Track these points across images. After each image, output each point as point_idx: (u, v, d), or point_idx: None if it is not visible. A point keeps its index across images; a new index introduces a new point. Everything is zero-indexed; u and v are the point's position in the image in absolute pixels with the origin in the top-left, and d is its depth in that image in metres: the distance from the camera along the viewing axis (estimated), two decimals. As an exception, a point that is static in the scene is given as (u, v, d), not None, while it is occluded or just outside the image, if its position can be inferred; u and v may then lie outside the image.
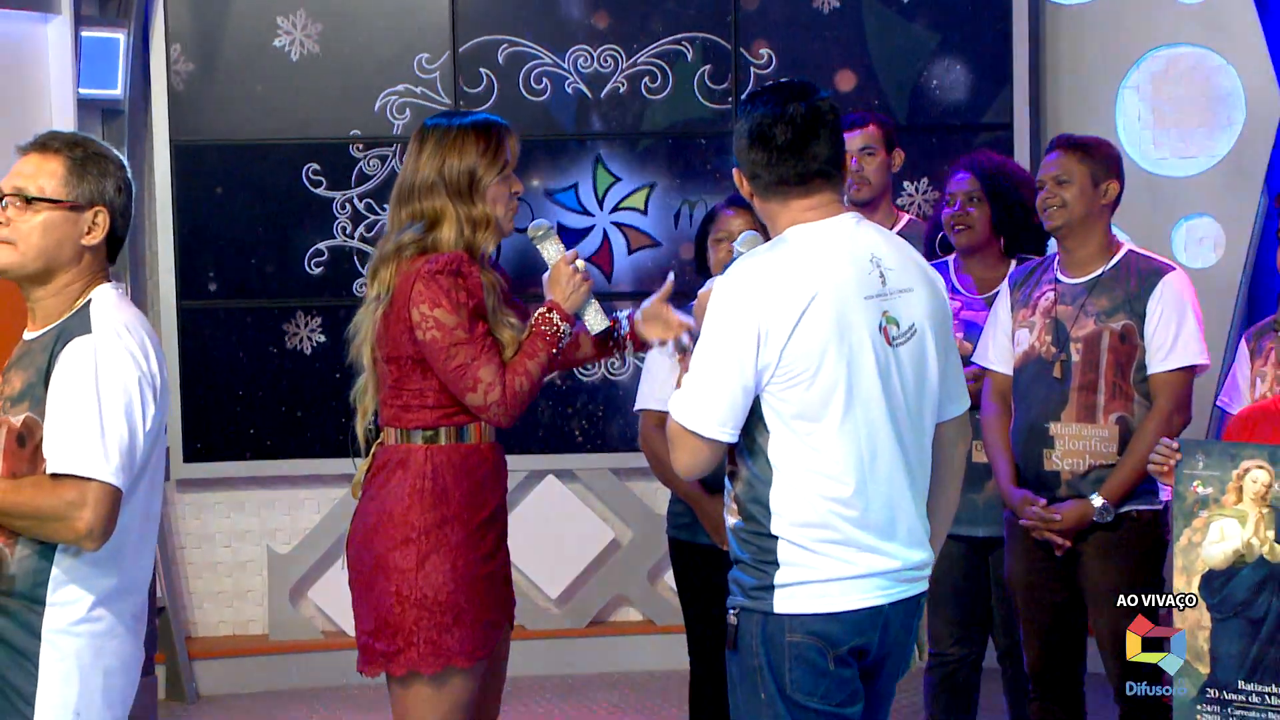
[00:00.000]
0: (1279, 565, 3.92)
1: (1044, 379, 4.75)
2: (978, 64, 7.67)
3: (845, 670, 3.43)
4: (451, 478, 3.98)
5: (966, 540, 5.12)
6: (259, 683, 7.42)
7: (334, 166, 7.54)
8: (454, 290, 3.91)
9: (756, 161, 3.47)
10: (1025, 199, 5.17)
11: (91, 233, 3.33)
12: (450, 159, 4.02)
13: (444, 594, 3.93)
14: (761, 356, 3.35)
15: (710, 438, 3.38)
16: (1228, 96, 7.37)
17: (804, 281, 3.38)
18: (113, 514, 3.14)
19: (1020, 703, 5.15)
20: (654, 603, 7.72)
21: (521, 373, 3.94)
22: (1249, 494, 3.95)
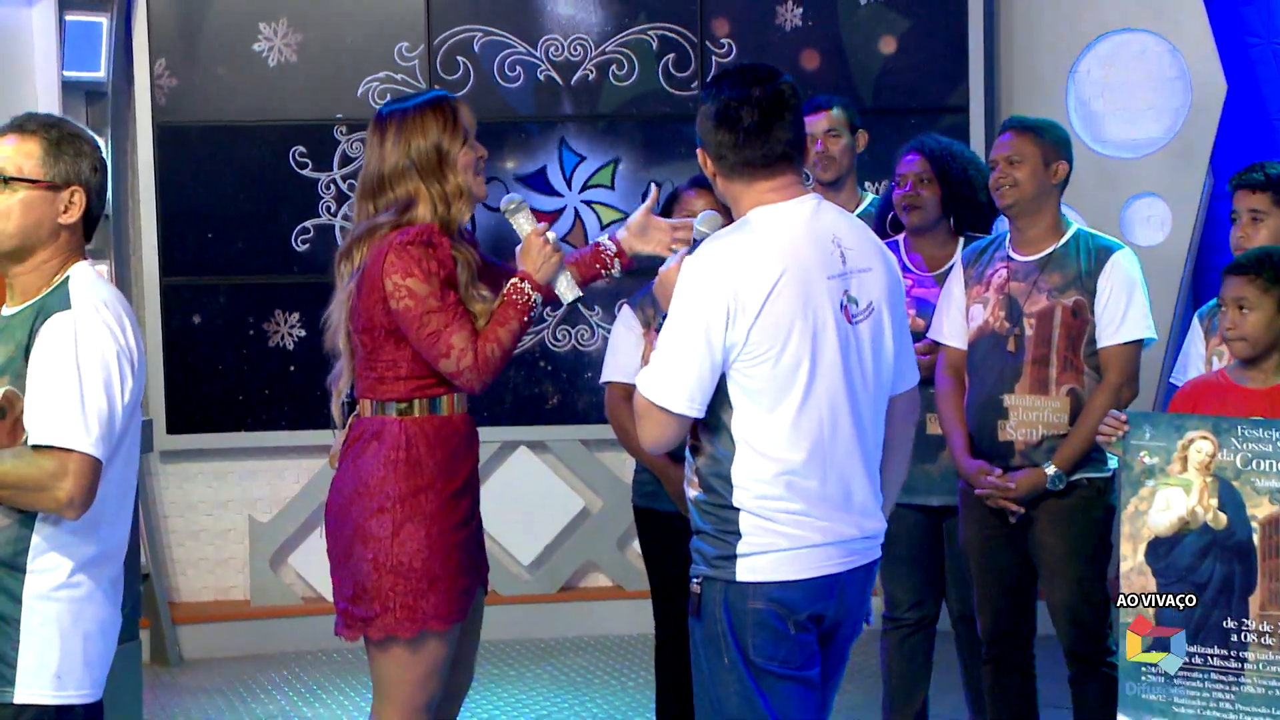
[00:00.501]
0: (1222, 532, 3.93)
1: (998, 353, 4.76)
2: (935, 50, 7.68)
3: (804, 635, 3.44)
4: (425, 448, 3.97)
5: (921, 509, 5.13)
6: (241, 647, 7.42)
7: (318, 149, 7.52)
8: (425, 260, 3.90)
9: (723, 143, 3.45)
10: (973, 179, 5.18)
11: (68, 211, 3.30)
12: (415, 140, 4.00)
13: (419, 560, 3.93)
14: (730, 334, 3.34)
15: (679, 413, 3.37)
16: (1174, 80, 7.39)
17: (772, 261, 3.37)
18: (93, 484, 3.13)
19: (973, 664, 5.16)
20: (623, 569, 7.73)
21: (493, 340, 3.93)
22: (1193, 464, 3.96)
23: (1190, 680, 3.96)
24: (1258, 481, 3.91)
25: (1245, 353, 4.14)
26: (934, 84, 7.69)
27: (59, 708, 3.20)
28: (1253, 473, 3.91)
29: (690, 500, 3.53)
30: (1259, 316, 4.09)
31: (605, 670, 7.07)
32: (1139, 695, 4.00)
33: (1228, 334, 4.15)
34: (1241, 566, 3.91)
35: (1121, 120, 7.51)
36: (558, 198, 7.66)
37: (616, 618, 7.61)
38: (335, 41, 7.49)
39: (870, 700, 5.74)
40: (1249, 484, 3.91)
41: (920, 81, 7.68)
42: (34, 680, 3.19)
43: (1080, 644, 4.74)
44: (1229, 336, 4.15)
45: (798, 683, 3.45)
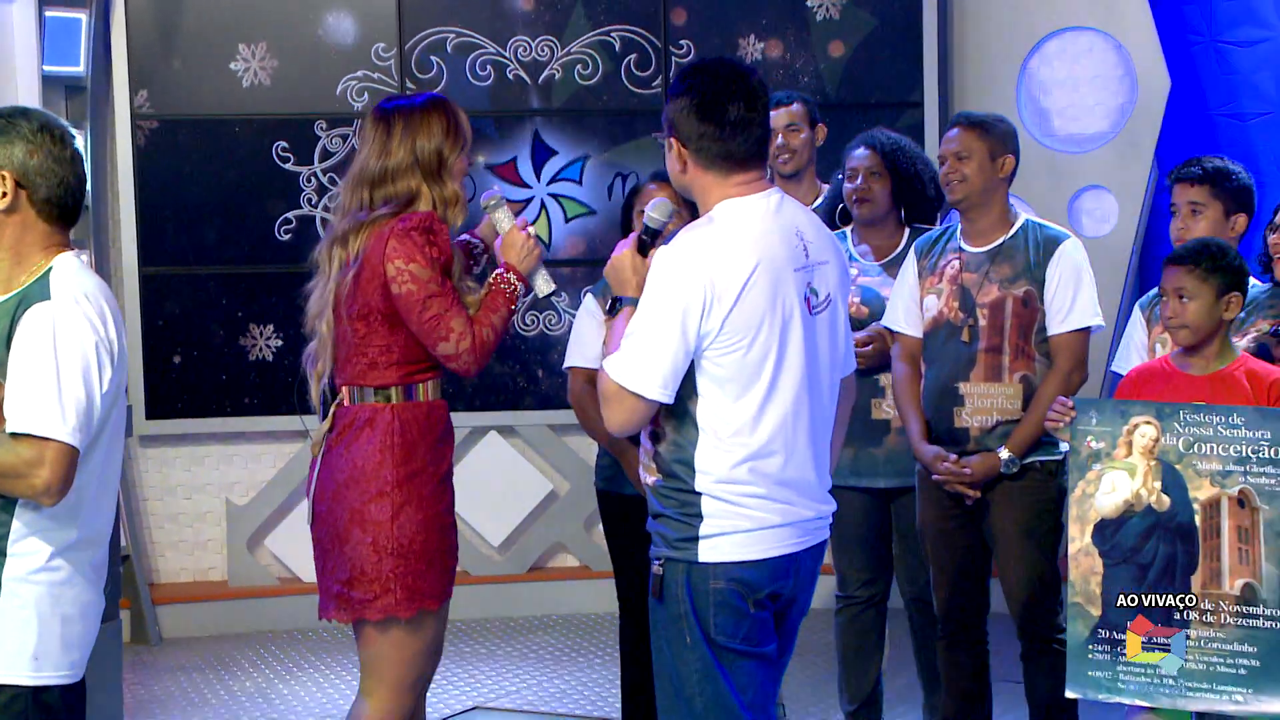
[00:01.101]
0: (1165, 514, 3.95)
1: (953, 342, 4.77)
2: (892, 48, 7.70)
3: (762, 613, 3.45)
4: (417, 433, 3.99)
5: (869, 491, 5.15)
6: (218, 626, 7.42)
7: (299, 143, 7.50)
8: (427, 246, 3.91)
9: (705, 134, 3.43)
10: (921, 173, 5.19)
11: (4, 198, 3.24)
12: (420, 140, 4.00)
13: (417, 543, 3.95)
14: (706, 323, 3.34)
15: (651, 399, 3.36)
16: (1119, 77, 7.42)
17: (746, 253, 3.37)
18: (69, 472, 3.11)
19: (926, 642, 5.18)
20: (589, 550, 7.73)
21: (487, 325, 3.98)
22: (1138, 448, 3.98)
23: None
24: (1199, 465, 3.92)
25: (1187, 340, 4.15)
26: (891, 80, 7.70)
27: (36, 689, 3.17)
28: (1194, 456, 3.93)
29: (648, 485, 3.52)
30: (1199, 305, 4.11)
31: (572, 647, 7.08)
32: (1086, 671, 4.02)
33: (1169, 322, 4.16)
34: (1184, 546, 3.93)
35: (1070, 115, 7.53)
36: (526, 189, 7.65)
37: (583, 597, 7.62)
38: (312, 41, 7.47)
39: (826, 677, 5.76)
40: (1191, 467, 3.93)
41: (877, 78, 7.70)
42: (11, 661, 3.16)
43: (1032, 621, 4.75)
44: (1171, 325, 4.16)
45: (756, 659, 3.46)
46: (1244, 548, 3.88)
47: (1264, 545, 3.86)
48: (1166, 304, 4.16)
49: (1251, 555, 3.87)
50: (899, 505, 5.15)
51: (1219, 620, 3.89)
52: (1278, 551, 3.86)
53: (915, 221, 5.25)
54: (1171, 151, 7.18)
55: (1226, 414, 3.91)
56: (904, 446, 5.03)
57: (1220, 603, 3.89)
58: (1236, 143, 7.18)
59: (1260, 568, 3.86)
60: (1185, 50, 7.38)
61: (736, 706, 3.41)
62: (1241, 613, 3.88)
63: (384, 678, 4.02)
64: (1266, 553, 3.86)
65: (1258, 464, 3.87)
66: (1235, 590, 3.88)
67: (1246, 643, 3.87)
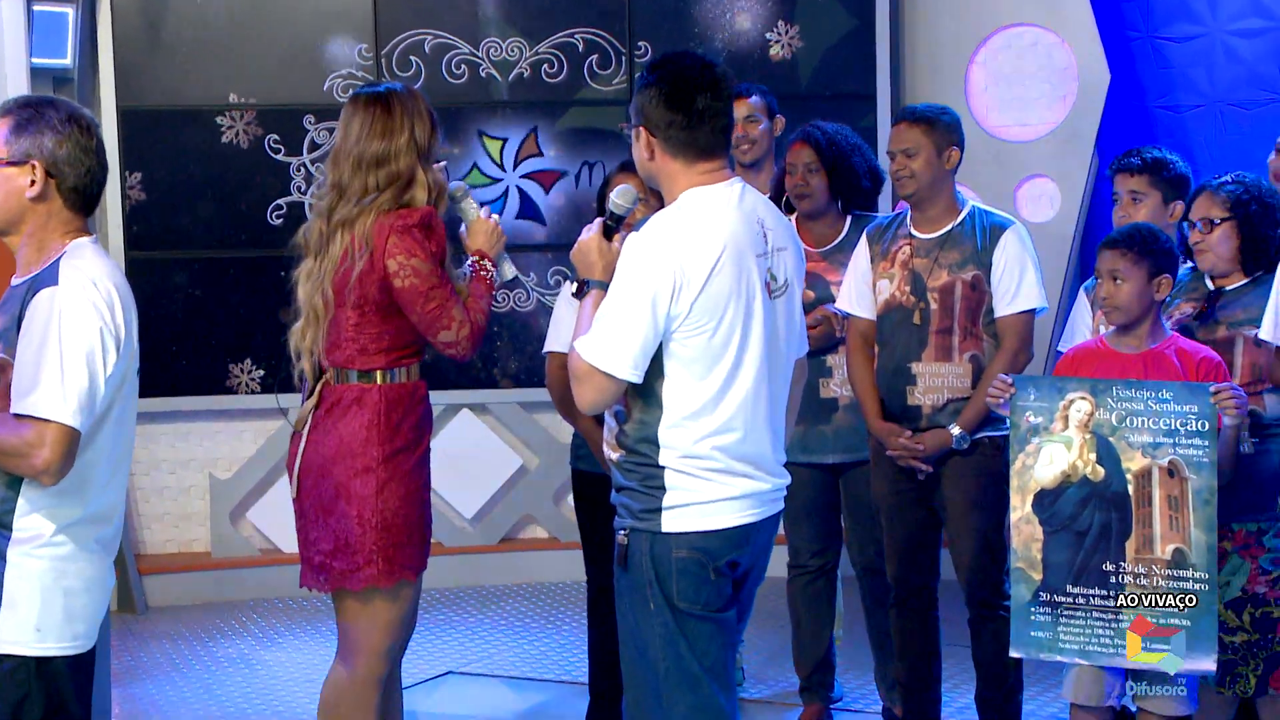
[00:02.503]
0: (1100, 484, 3.99)
1: (905, 325, 4.78)
2: (845, 42, 7.70)
3: (722, 580, 3.47)
4: (401, 413, 4.01)
5: (820, 466, 5.19)
6: (202, 595, 7.40)
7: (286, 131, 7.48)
8: (426, 241, 3.95)
9: (674, 123, 3.42)
10: (856, 165, 5.21)
11: (33, 185, 3.22)
12: (418, 124, 4.02)
13: (399, 517, 3.98)
14: (675, 305, 3.34)
15: (620, 378, 3.37)
16: (1062, 70, 7.44)
17: (714, 239, 3.38)
18: (69, 453, 3.09)
19: (876, 610, 5.21)
20: (558, 522, 7.74)
21: (479, 311, 4.03)
22: (1074, 422, 4.02)
23: (1074, 618, 4.02)
24: (1131, 437, 3.97)
25: (1119, 320, 4.19)
26: (845, 74, 7.71)
27: (39, 659, 3.16)
28: (1127, 429, 3.97)
29: (612, 461, 3.53)
30: (1131, 286, 4.14)
31: (542, 615, 7.09)
32: (1029, 633, 4.06)
33: (1104, 303, 4.19)
34: (1118, 514, 3.98)
35: (1015, 107, 7.56)
36: (496, 183, 7.63)
37: (552, 567, 7.62)
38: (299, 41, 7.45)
39: (783, 643, 5.78)
40: (1124, 439, 3.97)
41: (832, 72, 7.70)
42: (14, 633, 3.15)
43: (980, 589, 4.78)
44: (1105, 305, 4.19)
45: (716, 623, 3.47)
46: (1174, 515, 3.92)
47: (1193, 513, 3.91)
48: (1101, 286, 4.20)
49: (1181, 522, 3.92)
50: (847, 479, 5.18)
51: (1152, 583, 3.93)
52: (1206, 518, 3.90)
53: (856, 209, 5.27)
54: (1111, 142, 7.22)
55: (1156, 389, 3.96)
56: (851, 423, 5.06)
57: (1152, 567, 3.94)
58: (1173, 133, 7.22)
59: (1189, 534, 3.91)
60: (1124, 45, 7.42)
61: (697, 668, 3.43)
62: (1172, 576, 3.93)
63: (362, 645, 4.03)
64: (1195, 519, 3.90)
65: (1185, 436, 3.92)
66: (1166, 555, 3.93)
67: (1179, 604, 3.91)
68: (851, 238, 5.12)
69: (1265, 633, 4.31)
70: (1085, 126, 7.32)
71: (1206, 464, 3.91)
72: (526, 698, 5.93)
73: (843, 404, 5.12)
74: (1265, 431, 4.28)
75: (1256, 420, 4.32)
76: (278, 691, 6.00)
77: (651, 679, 3.45)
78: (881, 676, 5.32)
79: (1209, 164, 7.03)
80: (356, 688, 4.06)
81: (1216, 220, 4.35)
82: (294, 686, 6.04)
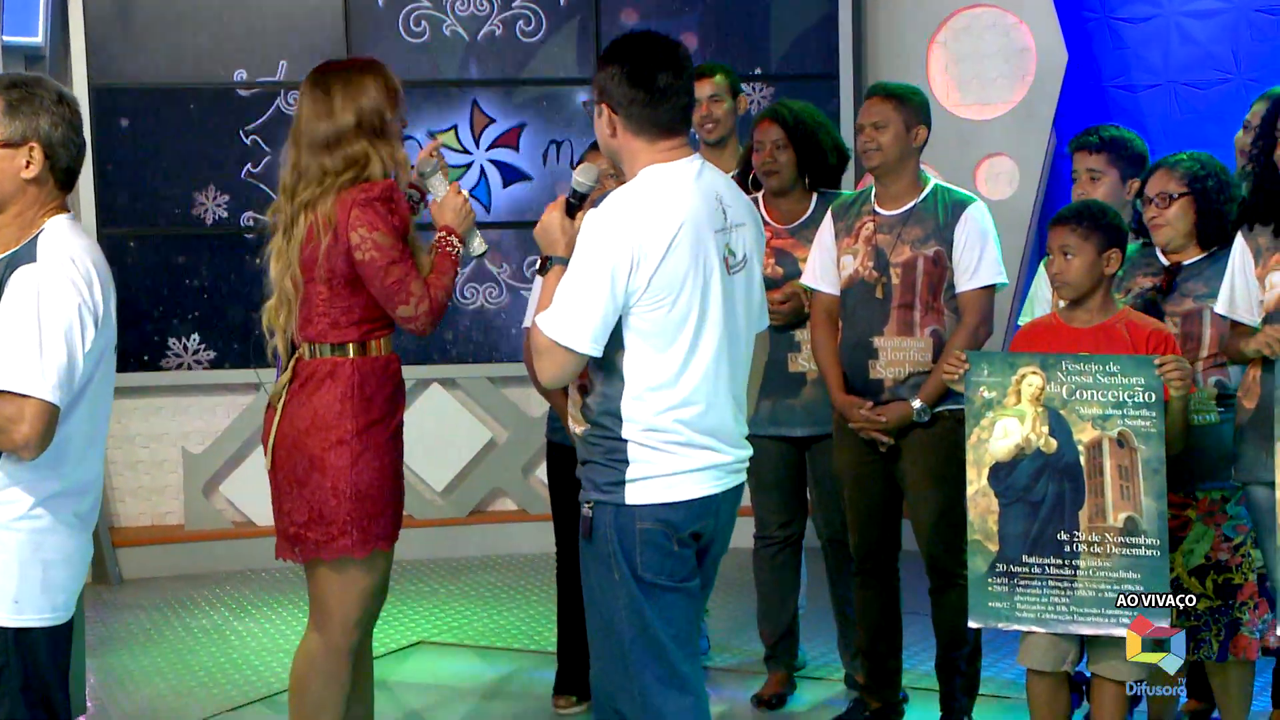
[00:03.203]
0: (1053, 456, 4.01)
1: (868, 299, 4.78)
2: (809, 23, 7.70)
3: (686, 550, 3.47)
4: (374, 386, 3.99)
5: (786, 440, 5.19)
6: (176, 567, 7.38)
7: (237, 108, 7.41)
8: (388, 215, 3.92)
9: (636, 100, 3.41)
10: (823, 143, 5.20)
11: (29, 166, 3.20)
12: (361, 100, 3.96)
13: (374, 488, 3.97)
14: (634, 280, 3.33)
15: (581, 352, 3.36)
16: (1021, 51, 7.46)
17: (671, 215, 3.37)
18: (49, 427, 3.08)
19: (841, 580, 5.22)
20: (527, 494, 7.74)
21: (440, 287, 3.99)
22: (1026, 396, 4.04)
23: (1030, 587, 4.04)
24: (1081, 410, 3.99)
25: (1070, 294, 4.19)
26: (808, 53, 7.70)
27: (17, 630, 3.15)
28: (1077, 402, 3.99)
29: (576, 435, 3.53)
30: (1081, 261, 4.15)
31: (511, 586, 7.09)
32: (986, 603, 4.08)
33: (1055, 278, 4.20)
34: (1071, 485, 4.00)
35: (974, 87, 7.56)
36: (466, 154, 7.60)
37: (521, 538, 7.62)
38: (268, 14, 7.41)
39: (748, 613, 5.79)
40: (1074, 412, 4.00)
41: (795, 51, 7.70)
42: None
43: (940, 558, 4.79)
44: (1056, 280, 4.20)
45: (680, 593, 3.47)
46: (1125, 484, 3.95)
47: (1143, 481, 3.94)
48: (1052, 261, 4.20)
49: (1132, 491, 3.95)
50: (814, 452, 5.18)
51: (1105, 551, 3.96)
52: (1155, 486, 3.93)
53: (822, 187, 5.26)
54: (1068, 121, 7.24)
55: (1104, 362, 3.98)
56: (819, 397, 5.06)
57: (1105, 535, 3.96)
58: (1128, 112, 7.24)
59: (1140, 502, 3.94)
60: (1081, 26, 7.43)
61: (663, 637, 3.43)
62: (1125, 543, 3.96)
63: (334, 614, 4.02)
64: (1145, 488, 3.93)
65: (1133, 407, 3.94)
66: (1119, 523, 3.95)
67: (1130, 570, 3.95)
68: (817, 215, 5.12)
69: (1226, 599, 4.34)
70: (1043, 106, 7.34)
71: (1154, 434, 3.93)
72: (495, 667, 5.93)
73: (810, 378, 5.12)
74: (1231, 401, 4.31)
75: (1223, 390, 4.34)
76: (250, 661, 5.98)
77: (617, 648, 3.45)
78: (844, 645, 5.34)
79: (1163, 142, 7.05)
80: (328, 657, 4.05)
81: (1175, 195, 4.36)
82: (267, 656, 6.03)
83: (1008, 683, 5.34)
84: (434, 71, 7.48)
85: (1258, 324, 4.07)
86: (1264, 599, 4.34)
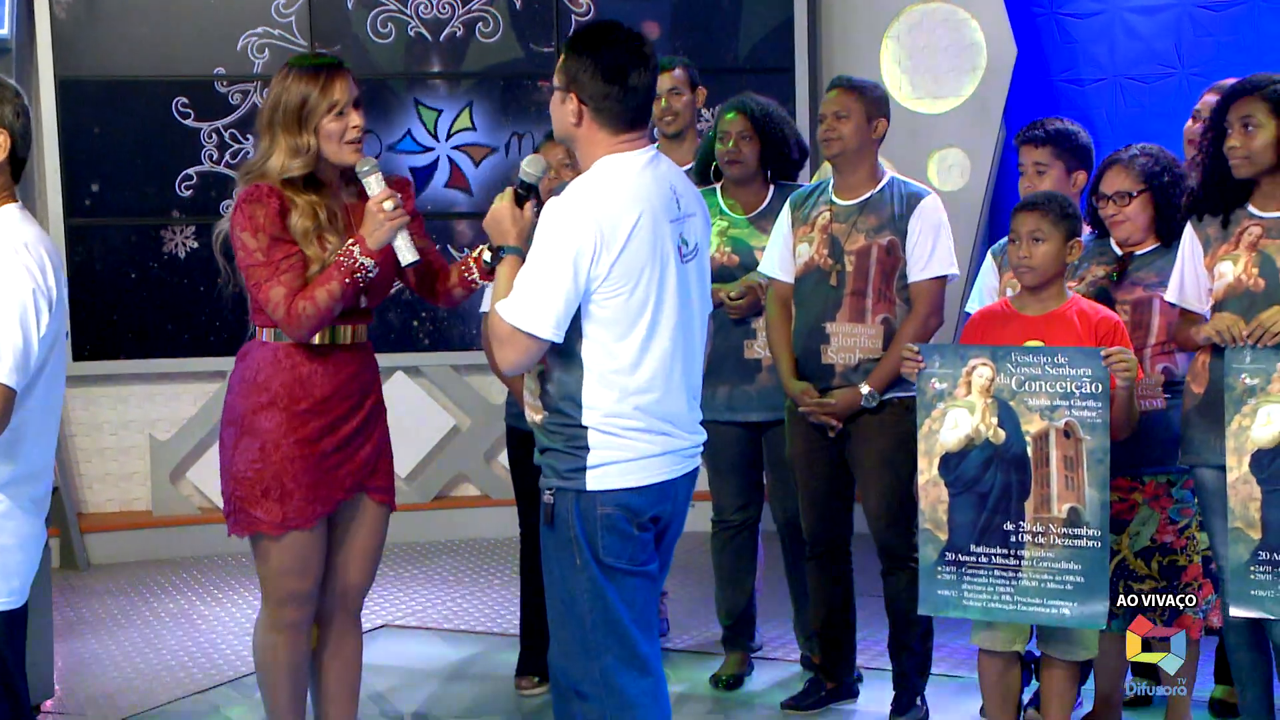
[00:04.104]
0: (1001, 446, 4.01)
1: (822, 286, 4.78)
2: (765, 18, 7.70)
3: (645, 535, 3.47)
4: (271, 371, 3.90)
5: (743, 425, 5.18)
6: (143, 552, 7.34)
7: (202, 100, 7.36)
8: (255, 215, 3.80)
9: (610, 95, 3.39)
10: (786, 136, 5.20)
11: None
12: (283, 96, 3.84)
13: (251, 471, 3.89)
14: (595, 268, 3.32)
15: (543, 338, 3.34)
16: (972, 45, 7.47)
17: (632, 204, 3.36)
18: (5, 411, 3.06)
19: (796, 562, 5.22)
20: (489, 480, 7.72)
21: (308, 298, 3.81)
22: (976, 387, 4.03)
23: (977, 576, 4.03)
24: (1030, 401, 3.98)
25: (1033, 281, 4.17)
26: (765, 47, 7.70)
27: None
28: (1025, 394, 3.98)
29: (535, 423, 3.51)
30: (1049, 247, 4.13)
31: (474, 569, 7.07)
32: (935, 591, 4.08)
33: (1021, 263, 4.16)
34: (1018, 475, 3.99)
35: (927, 80, 7.57)
36: (429, 152, 7.57)
37: (484, 523, 7.61)
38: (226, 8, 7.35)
39: (704, 595, 5.79)
40: (1023, 404, 3.99)
41: (752, 45, 7.69)
42: None
43: (890, 542, 4.80)
44: (1021, 266, 4.17)
45: (639, 576, 3.47)
46: (1070, 475, 3.95)
47: (1087, 471, 3.93)
48: (1018, 247, 4.16)
49: (1076, 481, 3.94)
50: (770, 437, 5.18)
51: (1049, 541, 3.96)
52: (1099, 476, 3.93)
53: (782, 179, 5.26)
54: (1018, 114, 7.26)
55: (1052, 354, 3.98)
56: (774, 383, 5.05)
57: (1049, 525, 3.96)
58: (1075, 106, 7.27)
59: (1084, 492, 3.93)
60: (1030, 22, 7.45)
61: (623, 619, 3.43)
62: (1068, 534, 3.95)
63: (262, 590, 4.04)
64: (1089, 478, 3.93)
65: (1080, 399, 3.94)
66: (1062, 514, 3.95)
67: (1073, 560, 3.95)
68: (775, 205, 5.11)
69: (1171, 579, 4.36)
70: (994, 99, 7.36)
71: (1100, 425, 3.93)
72: (459, 649, 5.91)
73: (766, 365, 5.12)
74: (1178, 387, 4.32)
75: (1170, 377, 4.36)
76: (216, 644, 5.95)
77: (578, 631, 3.44)
78: (800, 626, 5.34)
79: (1110, 136, 7.09)
80: (261, 628, 4.05)
81: (1134, 193, 4.37)
82: (232, 639, 5.99)
83: (960, 662, 5.36)
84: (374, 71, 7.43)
85: (1207, 312, 4.09)
86: (1208, 580, 4.36)
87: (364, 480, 4.07)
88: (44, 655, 4.99)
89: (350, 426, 4.02)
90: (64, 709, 5.20)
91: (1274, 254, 3.98)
